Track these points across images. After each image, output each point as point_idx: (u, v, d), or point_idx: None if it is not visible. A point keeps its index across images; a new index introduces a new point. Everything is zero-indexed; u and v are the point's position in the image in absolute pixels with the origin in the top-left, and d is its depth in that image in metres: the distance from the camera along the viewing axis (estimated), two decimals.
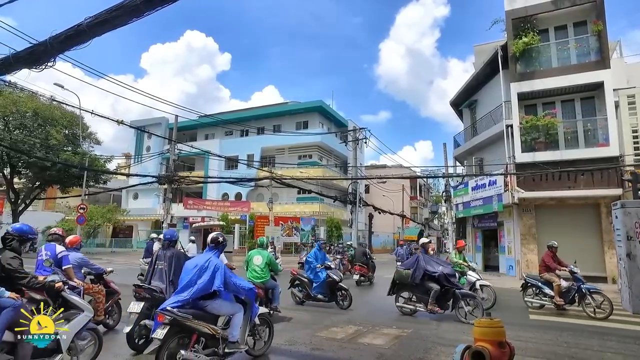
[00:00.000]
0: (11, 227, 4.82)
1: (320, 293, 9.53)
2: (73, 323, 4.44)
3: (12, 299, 3.90)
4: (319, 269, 9.60)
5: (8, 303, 3.84)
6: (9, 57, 6.56)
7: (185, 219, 32.91)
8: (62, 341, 4.19)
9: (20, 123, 24.98)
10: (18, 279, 4.19)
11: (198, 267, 4.67)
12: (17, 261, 4.34)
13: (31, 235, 4.85)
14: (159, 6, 5.79)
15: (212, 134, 43.39)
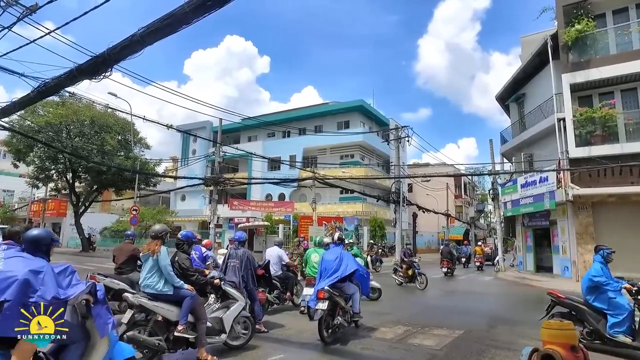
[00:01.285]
0: (180, 234, 5.87)
1: None
2: (231, 310, 5.64)
3: (189, 290, 5.08)
4: None
5: (187, 294, 5.02)
6: (73, 70, 6.98)
7: (230, 220, 33.78)
8: (225, 324, 5.46)
9: (80, 131, 26.60)
10: (190, 276, 5.37)
11: (338, 259, 6.54)
12: (189, 261, 5.59)
13: (194, 239, 6.13)
14: (206, 13, 5.96)
15: (255, 136, 44.20)
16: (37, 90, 8.45)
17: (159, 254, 4.93)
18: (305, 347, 5.94)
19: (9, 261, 2.89)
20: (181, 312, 4.91)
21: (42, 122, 25.20)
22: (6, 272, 2.75)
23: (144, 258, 5.12)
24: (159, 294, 4.91)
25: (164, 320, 4.93)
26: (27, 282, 2.75)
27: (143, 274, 5.05)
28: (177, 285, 5.00)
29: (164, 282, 4.93)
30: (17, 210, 44.37)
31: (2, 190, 50.43)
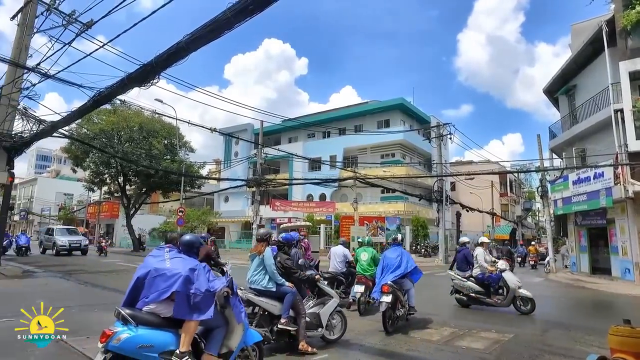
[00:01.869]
0: (281, 236, 6.65)
1: None
2: (327, 306, 5.99)
3: (290, 287, 5.55)
4: None
5: (289, 290, 5.49)
6: (124, 79, 7.34)
7: (272, 220, 34.29)
8: (322, 319, 5.84)
9: (130, 136, 27.95)
10: (292, 274, 5.86)
11: (399, 257, 7.34)
12: (290, 261, 6.14)
13: (293, 241, 6.97)
14: (248, 17, 6.10)
15: (295, 137, 44.64)
16: (93, 99, 8.99)
17: (264, 254, 5.51)
18: (350, 348, 5.91)
19: (173, 261, 3.74)
20: (283, 306, 5.43)
21: (97, 129, 26.72)
22: (173, 270, 3.60)
23: (252, 257, 5.75)
24: (264, 290, 5.46)
25: (268, 314, 5.47)
26: (188, 277, 3.57)
27: (250, 272, 5.66)
28: (279, 282, 5.51)
29: (268, 279, 5.47)
30: (76, 212, 47.13)
31: (63, 193, 53.85)
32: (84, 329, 5.98)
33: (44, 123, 12.11)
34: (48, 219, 49.36)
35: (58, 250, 23.98)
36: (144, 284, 3.60)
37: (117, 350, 3.29)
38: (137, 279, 3.64)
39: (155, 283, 3.56)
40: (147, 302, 3.54)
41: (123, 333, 3.31)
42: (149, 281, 3.58)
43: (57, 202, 52.75)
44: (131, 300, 3.64)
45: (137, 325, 3.38)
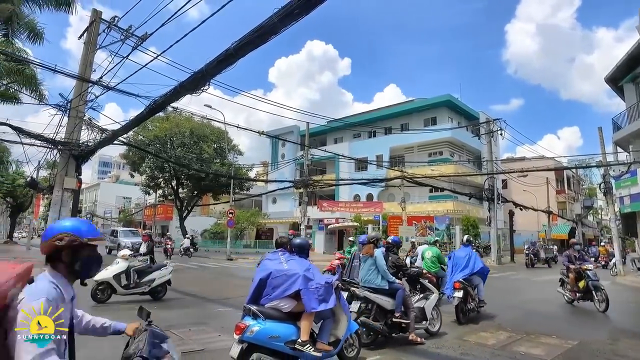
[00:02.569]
0: (390, 238, 7.39)
1: None
2: (430, 300, 6.61)
3: (400, 284, 6.17)
4: None
5: (399, 287, 6.08)
6: (177, 87, 7.67)
7: (320, 221, 34.50)
8: (427, 312, 6.44)
9: (181, 142, 29.24)
10: (404, 271, 6.66)
11: (467, 256, 8.07)
12: (401, 260, 6.91)
13: (400, 243, 7.53)
14: (293, 21, 6.19)
15: (341, 138, 44.68)
16: (149, 108, 9.48)
17: (376, 256, 6.08)
18: (403, 350, 5.85)
19: (289, 262, 4.33)
20: (396, 302, 6.00)
21: (151, 136, 28.16)
22: (291, 270, 4.19)
23: (364, 259, 6.29)
24: (377, 288, 6.00)
25: (381, 309, 5.99)
26: (305, 276, 4.13)
27: (363, 272, 6.21)
28: (390, 280, 6.05)
29: (381, 278, 6.02)
30: (134, 214, 49.79)
31: (123, 197, 57.06)
32: None
33: (106, 132, 12.93)
34: (110, 221, 52.51)
35: None
36: (265, 284, 4.21)
37: (251, 340, 3.93)
38: (259, 280, 4.25)
39: (276, 283, 4.16)
40: (270, 299, 4.15)
41: (255, 326, 3.95)
42: (270, 281, 4.19)
43: (117, 205, 56.03)
44: (255, 298, 4.26)
45: (264, 319, 4.01)
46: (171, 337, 5.36)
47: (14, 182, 34.51)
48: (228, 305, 8.46)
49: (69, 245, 1.83)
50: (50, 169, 27.99)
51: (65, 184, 12.94)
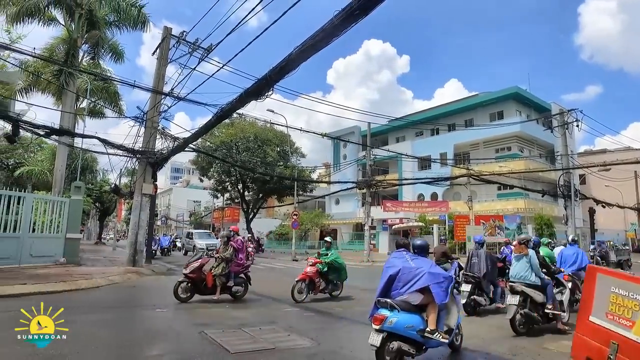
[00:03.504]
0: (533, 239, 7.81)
1: None
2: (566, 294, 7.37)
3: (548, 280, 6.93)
4: None
5: (549, 282, 6.94)
6: (242, 94, 7.99)
7: (384, 221, 34.18)
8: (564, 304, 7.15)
9: (246, 146, 30.34)
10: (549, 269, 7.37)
11: (575, 254, 8.68)
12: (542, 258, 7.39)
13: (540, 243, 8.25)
14: (354, 23, 6.20)
15: (403, 137, 43.99)
16: (216, 115, 9.97)
17: (530, 255, 6.78)
18: (475, 357, 5.62)
19: (415, 261, 4.86)
20: (547, 295, 6.74)
21: (218, 141, 29.52)
22: (418, 268, 4.72)
23: (517, 258, 6.96)
24: (530, 283, 6.68)
25: (533, 302, 6.64)
26: (431, 272, 4.65)
27: (517, 269, 6.87)
28: (541, 276, 6.80)
29: (534, 275, 6.71)
30: (203, 217, 52.41)
31: (193, 201, 60.30)
32: (218, 323, 6.63)
33: (178, 140, 13.78)
34: (182, 224, 55.70)
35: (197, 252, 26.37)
36: (394, 280, 4.74)
37: (390, 329, 4.39)
38: (389, 276, 4.76)
39: (405, 279, 4.68)
40: (401, 293, 4.66)
41: (393, 317, 4.42)
42: (400, 277, 4.71)
43: (188, 208, 59.28)
44: (384, 292, 4.74)
45: (399, 311, 4.48)
46: (242, 335, 5.63)
47: (101, 188, 37.84)
48: (295, 305, 8.65)
49: None
50: (130, 176, 30.44)
51: (144, 190, 13.97)
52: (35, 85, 19.42)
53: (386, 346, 4.40)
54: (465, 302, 8.17)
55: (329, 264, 9.57)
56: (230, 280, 8.92)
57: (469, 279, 8.46)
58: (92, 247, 31.19)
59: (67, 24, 17.86)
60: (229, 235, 9.38)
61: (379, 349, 4.39)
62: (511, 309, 6.52)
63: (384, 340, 4.37)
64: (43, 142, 28.10)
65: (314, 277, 9.33)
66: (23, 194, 14.27)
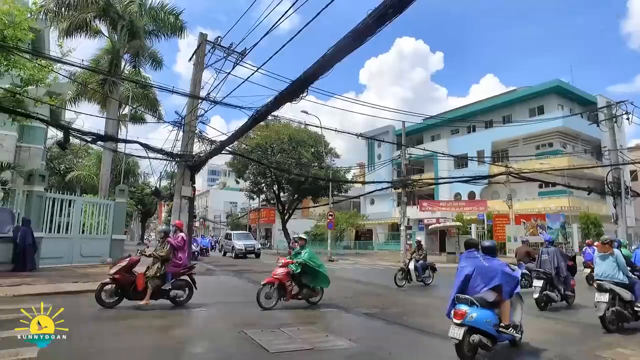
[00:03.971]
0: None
1: None
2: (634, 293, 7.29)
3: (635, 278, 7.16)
4: None
5: (637, 280, 7.06)
6: (277, 96, 8.11)
7: (420, 221, 33.70)
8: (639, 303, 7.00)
9: (281, 148, 30.70)
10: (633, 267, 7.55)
11: None
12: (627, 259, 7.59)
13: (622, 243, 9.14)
14: (388, 21, 6.14)
15: (438, 135, 43.20)
16: (252, 118, 10.16)
17: (616, 255, 6.91)
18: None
19: (487, 260, 5.16)
20: (635, 293, 6.89)
21: (253, 144, 30.01)
22: (492, 267, 5.08)
23: (603, 257, 7.10)
24: (618, 282, 6.81)
25: (621, 300, 6.77)
26: (504, 271, 5.10)
27: (603, 268, 7.01)
28: (629, 275, 6.94)
29: (622, 274, 6.84)
30: (240, 218, 53.42)
31: (230, 202, 61.58)
32: (257, 323, 6.75)
33: (215, 143, 14.13)
34: (219, 225, 56.98)
35: (236, 253, 26.37)
36: (470, 278, 5.08)
37: (471, 324, 4.70)
38: (465, 275, 5.10)
39: (480, 277, 5.05)
40: (477, 291, 5.00)
41: (473, 312, 4.73)
42: (475, 276, 5.07)
43: (224, 210, 60.56)
44: (461, 290, 5.08)
45: (478, 307, 4.81)
46: (281, 335, 5.71)
47: (142, 191, 39.44)
48: (332, 306, 8.66)
49: None
50: (169, 179, 31.47)
51: (183, 192, 14.40)
52: (83, 95, 20.54)
53: (466, 339, 4.68)
54: (538, 297, 8.55)
55: (302, 265, 8.36)
56: (167, 283, 7.83)
57: (540, 275, 8.79)
58: (135, 248, 32.16)
59: (111, 35, 18.76)
60: (167, 231, 8.36)
61: (460, 342, 4.69)
62: (601, 307, 6.62)
63: (464, 334, 4.68)
64: (90, 148, 29.58)
65: (284, 281, 8.18)
66: (74, 197, 15.10)
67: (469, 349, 4.74)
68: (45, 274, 11.66)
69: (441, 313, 7.86)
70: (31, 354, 4.52)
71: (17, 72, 11.26)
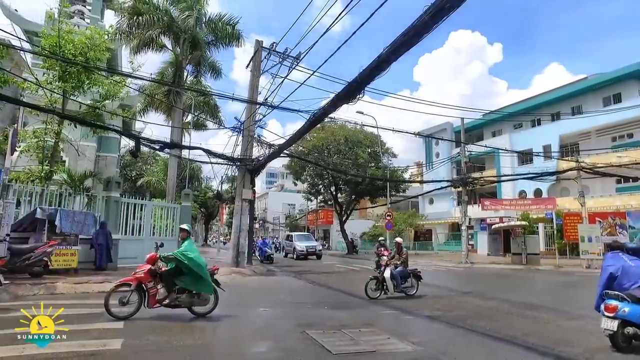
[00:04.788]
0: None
1: None
2: None
3: None
4: None
5: None
6: (334, 98, 8.18)
7: (482, 220, 32.39)
8: None
9: (337, 149, 30.87)
10: None
11: None
12: None
13: None
14: (445, 16, 6.00)
15: (499, 130, 41.29)
16: (309, 121, 10.31)
17: None
18: None
19: (634, 261, 5.52)
20: None
21: (310, 146, 30.41)
22: (639, 267, 5.45)
23: None
24: None
25: None
26: None
27: None
28: None
29: None
30: (298, 219, 54.26)
31: (288, 204, 62.74)
32: (319, 323, 6.81)
33: (273, 146, 14.52)
34: (278, 226, 58.24)
35: (297, 255, 26.60)
36: (614, 277, 5.49)
37: (625, 317, 5.11)
38: (610, 273, 5.53)
39: (628, 276, 5.41)
40: (625, 288, 5.35)
41: (625, 307, 5.13)
42: (622, 275, 5.45)
43: (283, 211, 61.78)
44: (607, 287, 5.51)
45: (629, 302, 5.15)
46: (343, 337, 5.73)
47: (205, 194, 41.33)
48: (393, 307, 8.58)
49: None
50: (230, 183, 32.73)
51: (244, 195, 14.92)
52: (150, 105, 22.05)
53: (620, 331, 5.13)
54: None
55: (171, 260, 6.75)
56: None
57: None
58: (199, 249, 33.85)
59: (174, 49, 19.96)
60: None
61: (614, 333, 5.17)
62: None
63: (618, 326, 5.13)
64: (157, 154, 31.52)
65: (144, 281, 6.59)
66: (145, 201, 16.17)
67: (624, 339, 5.17)
68: (123, 272, 12.57)
69: (507, 317, 7.60)
70: (116, 346, 4.90)
71: (97, 88, 12.42)
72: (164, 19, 18.63)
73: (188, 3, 19.31)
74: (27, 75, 13.82)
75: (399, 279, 9.82)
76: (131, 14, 18.34)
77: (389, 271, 9.79)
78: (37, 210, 10.96)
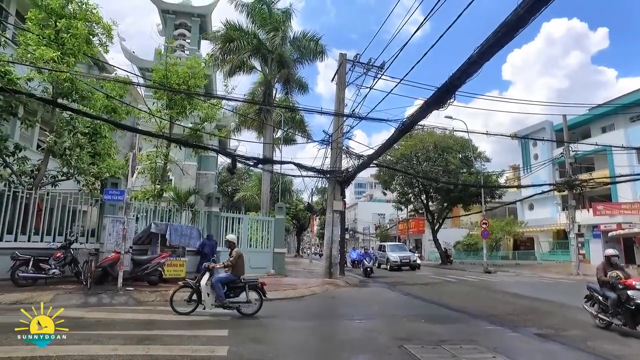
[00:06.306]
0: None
1: None
2: None
3: None
4: None
5: None
6: (423, 105, 8.00)
7: (594, 227, 29.16)
8: None
9: (426, 156, 30.08)
10: None
11: None
12: None
13: None
14: (543, 8, 5.60)
15: (611, 125, 36.90)
16: (398, 130, 10.18)
17: None
18: None
19: None
20: None
21: (398, 154, 30.01)
22: None
23: None
24: None
25: None
26: None
27: None
28: None
29: None
30: (388, 229, 53.57)
31: (377, 214, 62.37)
32: (417, 337, 6.57)
33: (362, 157, 14.57)
34: (369, 236, 58.01)
35: (391, 265, 25.83)
36: None
37: None
38: None
39: None
40: None
41: None
42: None
43: (372, 221, 61.41)
44: None
45: None
46: (443, 353, 5.49)
47: (296, 207, 42.67)
48: (496, 323, 8.02)
49: None
50: (320, 195, 33.44)
51: (334, 207, 15.12)
52: (243, 124, 23.54)
53: None
54: None
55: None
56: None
57: None
58: (292, 260, 34.99)
59: (263, 69, 21.16)
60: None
61: None
62: None
63: None
64: (250, 170, 33.43)
65: None
66: (241, 215, 17.18)
67: None
68: None
69: (632, 339, 6.65)
70: (222, 352, 5.22)
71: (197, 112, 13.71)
72: (253, 42, 19.94)
73: (274, 24, 20.40)
74: (141, 106, 15.64)
75: (221, 289, 7.83)
76: (224, 41, 19.98)
77: (206, 277, 7.85)
78: (152, 225, 12.21)
